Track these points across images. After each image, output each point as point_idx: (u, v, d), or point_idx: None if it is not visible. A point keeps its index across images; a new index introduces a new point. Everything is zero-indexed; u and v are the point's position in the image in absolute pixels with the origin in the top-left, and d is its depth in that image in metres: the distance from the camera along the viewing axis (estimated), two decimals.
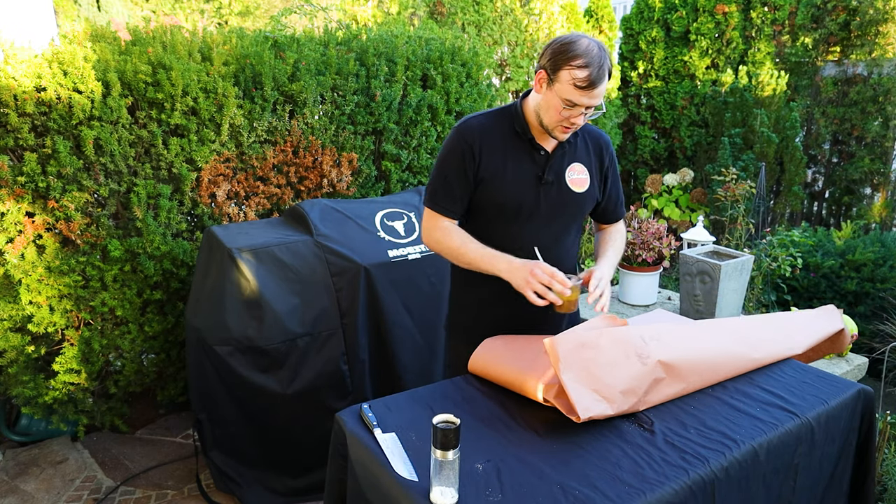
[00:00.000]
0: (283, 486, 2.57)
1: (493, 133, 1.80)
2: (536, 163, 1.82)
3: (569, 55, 1.62)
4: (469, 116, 1.85)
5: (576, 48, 1.62)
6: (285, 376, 2.41)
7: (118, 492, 2.73)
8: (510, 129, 1.82)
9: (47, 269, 2.64)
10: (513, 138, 1.81)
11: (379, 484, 1.33)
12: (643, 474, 1.29)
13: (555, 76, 1.66)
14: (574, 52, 1.62)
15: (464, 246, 1.79)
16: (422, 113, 3.55)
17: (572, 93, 1.64)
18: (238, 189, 3.09)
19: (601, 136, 1.95)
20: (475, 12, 5.12)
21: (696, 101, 5.98)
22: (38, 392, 2.77)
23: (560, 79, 1.65)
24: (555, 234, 1.88)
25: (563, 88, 1.65)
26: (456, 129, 1.82)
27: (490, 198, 1.81)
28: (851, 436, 1.69)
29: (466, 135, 1.78)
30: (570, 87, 1.63)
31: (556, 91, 1.66)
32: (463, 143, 1.78)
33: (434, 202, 1.84)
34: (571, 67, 1.62)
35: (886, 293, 3.73)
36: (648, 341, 1.57)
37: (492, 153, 1.79)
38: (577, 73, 1.62)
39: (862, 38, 5.35)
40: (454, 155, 1.79)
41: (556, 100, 1.67)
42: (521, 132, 1.81)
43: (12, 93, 2.45)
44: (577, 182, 1.87)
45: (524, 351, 1.67)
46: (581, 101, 1.65)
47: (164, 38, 2.92)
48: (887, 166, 5.36)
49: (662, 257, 3.13)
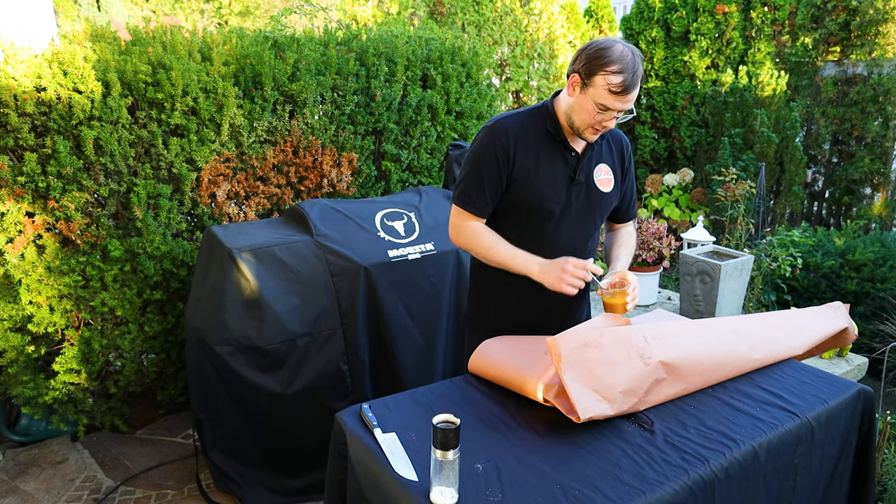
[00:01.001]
0: (283, 486, 2.57)
1: (526, 133, 1.83)
2: (568, 163, 1.86)
3: (604, 61, 1.66)
4: (501, 116, 1.87)
5: (611, 54, 1.66)
6: (285, 376, 2.41)
7: (118, 492, 2.73)
8: (543, 130, 1.84)
9: (47, 269, 2.64)
10: (545, 139, 1.84)
11: (379, 484, 1.33)
12: (643, 474, 1.29)
13: (589, 81, 1.69)
14: (609, 58, 1.65)
15: (494, 247, 1.83)
16: (422, 113, 3.55)
17: (606, 97, 1.67)
18: (238, 189, 3.09)
19: (622, 137, 2.00)
20: (475, 12, 5.12)
21: (696, 101, 5.98)
22: (38, 392, 2.77)
23: (595, 83, 1.68)
24: (583, 232, 1.93)
25: (597, 93, 1.68)
26: (489, 128, 1.83)
27: (522, 198, 1.84)
28: (851, 436, 1.69)
29: (501, 135, 1.80)
30: (605, 92, 1.67)
31: (591, 95, 1.69)
32: (497, 143, 1.80)
33: (464, 201, 1.86)
34: (606, 73, 1.65)
35: (886, 293, 3.73)
36: (651, 341, 1.57)
37: (525, 153, 1.82)
38: (612, 79, 1.65)
39: (862, 38, 5.35)
40: (488, 155, 1.81)
41: (590, 103, 1.70)
42: (554, 133, 1.83)
43: (12, 93, 2.45)
44: (605, 182, 1.92)
45: (524, 351, 1.67)
46: (615, 106, 1.69)
47: (164, 38, 2.92)
48: (887, 166, 5.36)
49: (662, 257, 3.13)
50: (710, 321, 1.82)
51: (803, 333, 1.86)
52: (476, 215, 1.87)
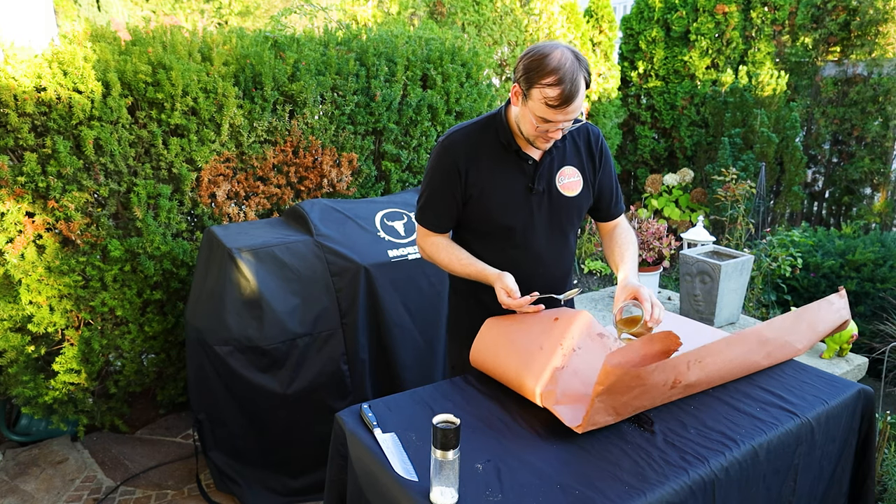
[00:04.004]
0: (283, 486, 2.57)
1: (478, 147, 1.75)
2: (525, 173, 1.77)
3: (540, 72, 1.54)
4: (453, 130, 1.79)
5: (547, 63, 1.53)
6: (285, 376, 2.41)
7: (118, 492, 2.73)
8: (495, 141, 1.75)
9: (47, 269, 2.64)
10: (499, 150, 1.76)
11: (379, 484, 1.33)
12: (643, 474, 1.29)
13: (528, 93, 1.59)
14: (545, 69, 1.53)
15: (451, 263, 1.81)
16: (422, 113, 3.55)
17: (545, 111, 1.57)
18: (238, 189, 3.09)
19: (590, 131, 1.85)
20: (475, 12, 5.12)
21: (696, 101, 5.98)
22: (38, 392, 2.77)
23: (532, 96, 1.58)
24: (552, 243, 1.84)
25: (535, 106, 1.58)
26: (440, 144, 1.76)
27: (481, 212, 1.77)
28: (851, 436, 1.69)
29: (451, 152, 1.74)
30: (543, 106, 1.57)
31: (530, 108, 1.60)
32: (447, 160, 1.74)
33: (422, 218, 1.84)
34: (542, 86, 1.54)
35: (886, 293, 3.73)
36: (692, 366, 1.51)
37: (478, 169, 1.74)
38: (548, 92, 1.54)
39: (862, 38, 5.35)
40: (439, 173, 1.76)
41: (530, 115, 1.61)
42: (507, 143, 1.75)
43: (12, 93, 2.45)
44: (569, 186, 1.81)
45: (523, 347, 1.65)
46: (555, 118, 1.58)
47: (164, 38, 2.92)
48: (887, 166, 5.36)
49: (662, 257, 3.13)
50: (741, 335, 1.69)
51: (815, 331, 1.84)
52: (435, 232, 1.83)
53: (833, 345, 2.63)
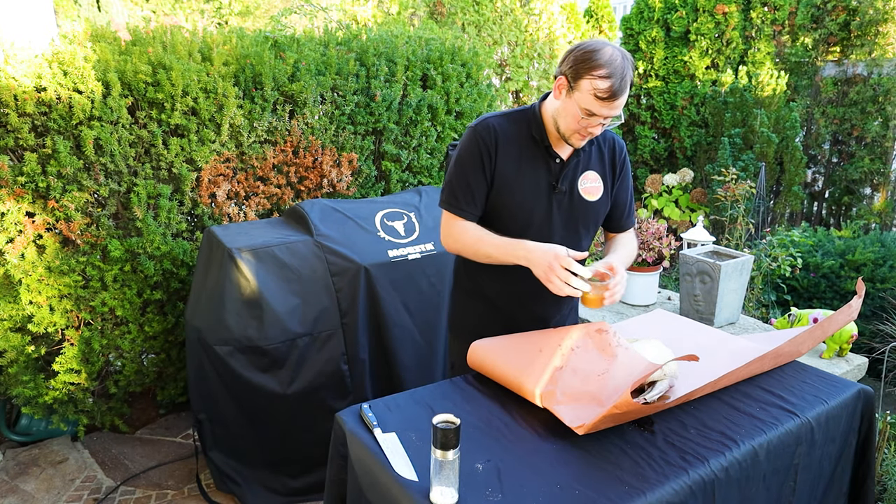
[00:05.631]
0: (283, 486, 2.57)
1: (510, 137, 1.76)
2: (551, 171, 1.78)
3: (591, 64, 1.57)
4: (487, 116, 1.79)
5: (599, 57, 1.57)
6: (285, 376, 2.41)
7: (118, 492, 2.73)
8: (527, 135, 1.77)
9: (47, 269, 2.64)
10: (529, 144, 1.77)
11: (379, 484, 1.33)
12: (643, 474, 1.29)
13: (575, 84, 1.61)
14: (597, 62, 1.57)
15: (481, 240, 1.75)
16: (422, 113, 3.55)
17: (592, 103, 1.59)
18: (238, 189, 3.09)
19: (616, 141, 1.90)
20: (475, 12, 5.12)
21: (696, 101, 5.98)
22: (38, 392, 2.77)
23: (580, 88, 1.60)
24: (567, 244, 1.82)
25: (583, 98, 1.60)
26: (473, 128, 1.76)
27: (502, 204, 1.78)
28: (851, 436, 1.69)
29: (484, 135, 1.74)
30: (591, 98, 1.59)
31: (576, 100, 1.61)
32: (481, 142, 1.74)
33: (452, 204, 1.79)
34: (593, 77, 1.57)
35: (886, 293, 3.72)
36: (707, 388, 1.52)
37: (507, 158, 1.75)
38: (598, 84, 1.57)
39: (862, 39, 5.35)
40: (472, 155, 1.75)
41: (575, 108, 1.62)
42: (539, 138, 1.76)
43: (12, 93, 2.45)
44: (590, 191, 1.83)
45: (520, 349, 1.66)
46: (601, 112, 1.61)
47: (164, 38, 2.92)
48: (887, 166, 5.36)
49: (662, 257, 3.12)
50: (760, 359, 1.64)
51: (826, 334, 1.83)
52: (464, 217, 1.79)
53: (833, 345, 2.63)
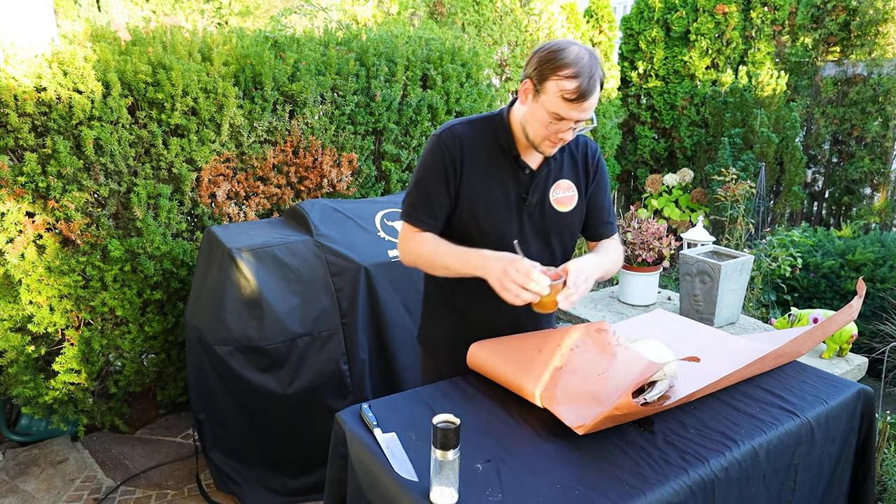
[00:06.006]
0: (283, 486, 2.57)
1: (476, 147, 1.65)
2: (520, 182, 1.67)
3: (556, 63, 1.48)
4: (452, 123, 1.67)
5: (564, 56, 1.48)
6: (285, 376, 2.41)
7: (118, 492, 2.73)
8: (494, 143, 1.66)
9: (47, 269, 2.64)
10: (496, 153, 1.66)
11: (379, 484, 1.33)
12: (643, 474, 1.29)
13: (541, 87, 1.51)
14: (562, 61, 1.47)
15: (436, 249, 1.63)
16: (422, 113, 3.55)
17: (560, 106, 1.49)
18: (238, 189, 3.09)
19: (588, 145, 1.78)
20: (475, 12, 5.12)
21: (696, 101, 5.98)
22: (38, 392, 2.77)
23: (547, 90, 1.50)
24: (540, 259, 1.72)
25: (549, 100, 1.50)
26: (437, 137, 1.64)
27: (469, 219, 1.67)
28: (851, 436, 1.69)
29: (449, 144, 1.63)
30: (558, 100, 1.49)
31: (543, 103, 1.52)
32: (446, 153, 1.63)
33: (412, 215, 1.68)
34: (559, 78, 1.47)
35: (886, 293, 3.72)
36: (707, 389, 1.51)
37: (473, 170, 1.64)
38: (565, 84, 1.47)
39: (862, 38, 5.35)
40: (435, 166, 1.64)
41: (543, 112, 1.53)
42: (507, 147, 1.65)
43: (12, 93, 2.45)
44: (563, 201, 1.73)
45: (521, 350, 1.66)
46: (570, 115, 1.51)
47: (164, 38, 2.92)
48: (887, 166, 5.36)
49: (662, 257, 3.12)
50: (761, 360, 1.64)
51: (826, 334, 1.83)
52: (424, 230, 1.67)
53: (833, 345, 2.63)
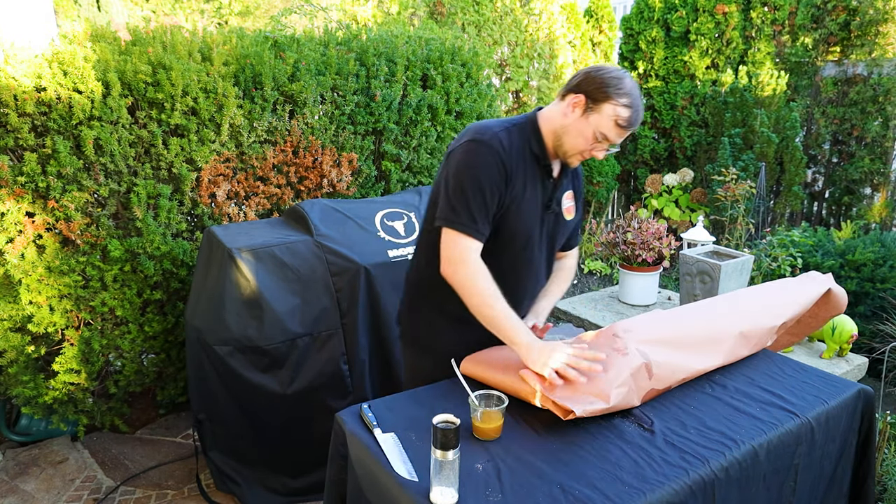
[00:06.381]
0: (283, 486, 2.57)
1: (516, 152, 1.68)
2: (545, 189, 1.74)
3: (617, 90, 1.59)
4: (491, 128, 1.66)
5: (623, 85, 1.60)
6: (285, 376, 2.41)
7: (118, 492, 2.73)
8: (528, 150, 1.70)
9: (47, 269, 2.64)
10: (530, 160, 1.70)
11: (379, 484, 1.33)
12: (643, 474, 1.29)
13: (596, 106, 1.60)
14: (622, 89, 1.59)
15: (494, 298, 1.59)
16: (422, 113, 3.55)
17: (611, 128, 1.61)
18: (238, 189, 3.09)
19: None
20: (475, 12, 5.12)
21: (696, 101, 5.98)
22: (38, 392, 2.77)
23: (602, 111, 1.60)
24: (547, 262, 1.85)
25: (602, 121, 1.61)
26: (481, 142, 1.62)
27: (504, 224, 1.69)
28: (851, 436, 1.69)
29: (498, 150, 1.63)
30: (611, 123, 1.60)
31: (593, 122, 1.61)
32: (496, 158, 1.62)
33: (470, 226, 1.61)
34: (618, 104, 1.59)
35: (886, 293, 3.72)
36: (622, 334, 1.59)
37: (518, 175, 1.67)
38: (621, 112, 1.60)
39: (862, 38, 5.35)
40: (491, 171, 1.61)
41: (590, 130, 1.62)
42: (540, 155, 1.71)
43: (12, 93, 2.45)
44: (569, 210, 1.84)
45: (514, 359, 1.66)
46: (614, 138, 1.63)
47: (164, 38, 2.92)
48: (887, 166, 5.36)
49: (662, 257, 3.12)
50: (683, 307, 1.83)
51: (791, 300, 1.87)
52: (479, 241, 1.63)
53: (833, 345, 2.63)
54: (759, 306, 1.84)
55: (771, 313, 1.82)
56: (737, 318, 1.78)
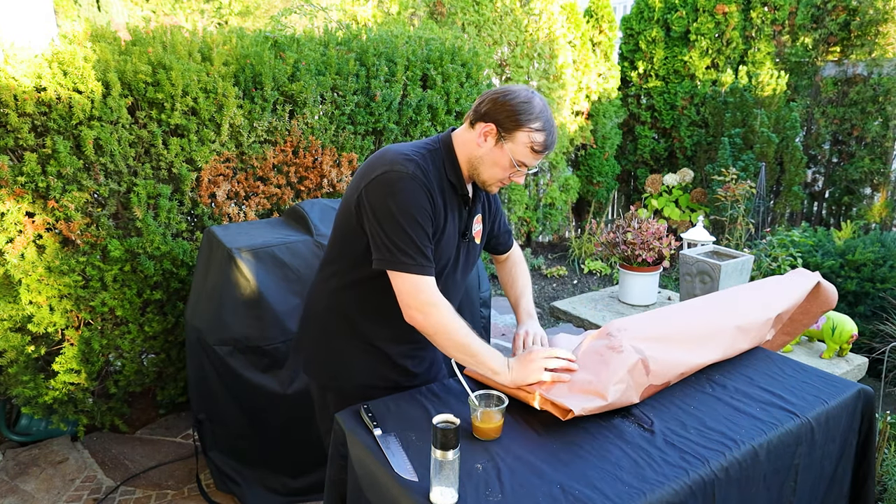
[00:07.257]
0: (283, 486, 2.57)
1: (437, 182, 1.59)
2: (461, 218, 1.68)
3: (528, 116, 1.52)
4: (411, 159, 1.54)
5: (533, 109, 1.52)
6: (285, 376, 2.41)
7: (118, 492, 2.73)
8: (445, 178, 1.61)
9: (47, 269, 2.64)
10: (448, 189, 1.62)
11: (379, 484, 1.33)
12: (643, 474, 1.29)
13: (509, 135, 1.53)
14: (533, 114, 1.52)
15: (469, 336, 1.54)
16: (422, 113, 3.55)
17: (527, 155, 1.55)
18: (238, 189, 3.09)
19: None
20: (475, 12, 5.12)
21: (696, 101, 5.98)
22: (38, 392, 2.77)
23: (516, 139, 1.53)
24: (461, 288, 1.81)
25: (518, 149, 1.54)
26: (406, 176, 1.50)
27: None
28: (851, 436, 1.69)
29: (423, 182, 1.53)
30: (527, 150, 1.54)
31: (510, 150, 1.55)
32: (424, 191, 1.53)
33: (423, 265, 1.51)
34: (531, 130, 1.52)
35: (886, 293, 3.72)
36: (616, 333, 1.60)
37: (439, 205, 1.58)
38: (536, 137, 1.53)
39: (862, 38, 5.35)
40: (422, 203, 1.52)
41: (506, 159, 1.55)
42: (457, 184, 1.62)
43: (12, 93, 2.45)
44: (479, 234, 1.78)
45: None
46: (532, 164, 1.58)
47: (164, 38, 2.92)
48: (887, 166, 5.36)
49: (662, 257, 3.12)
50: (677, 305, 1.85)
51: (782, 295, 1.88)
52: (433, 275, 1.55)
53: (833, 345, 2.63)
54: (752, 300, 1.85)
55: (764, 306, 1.83)
56: (731, 313, 1.78)
